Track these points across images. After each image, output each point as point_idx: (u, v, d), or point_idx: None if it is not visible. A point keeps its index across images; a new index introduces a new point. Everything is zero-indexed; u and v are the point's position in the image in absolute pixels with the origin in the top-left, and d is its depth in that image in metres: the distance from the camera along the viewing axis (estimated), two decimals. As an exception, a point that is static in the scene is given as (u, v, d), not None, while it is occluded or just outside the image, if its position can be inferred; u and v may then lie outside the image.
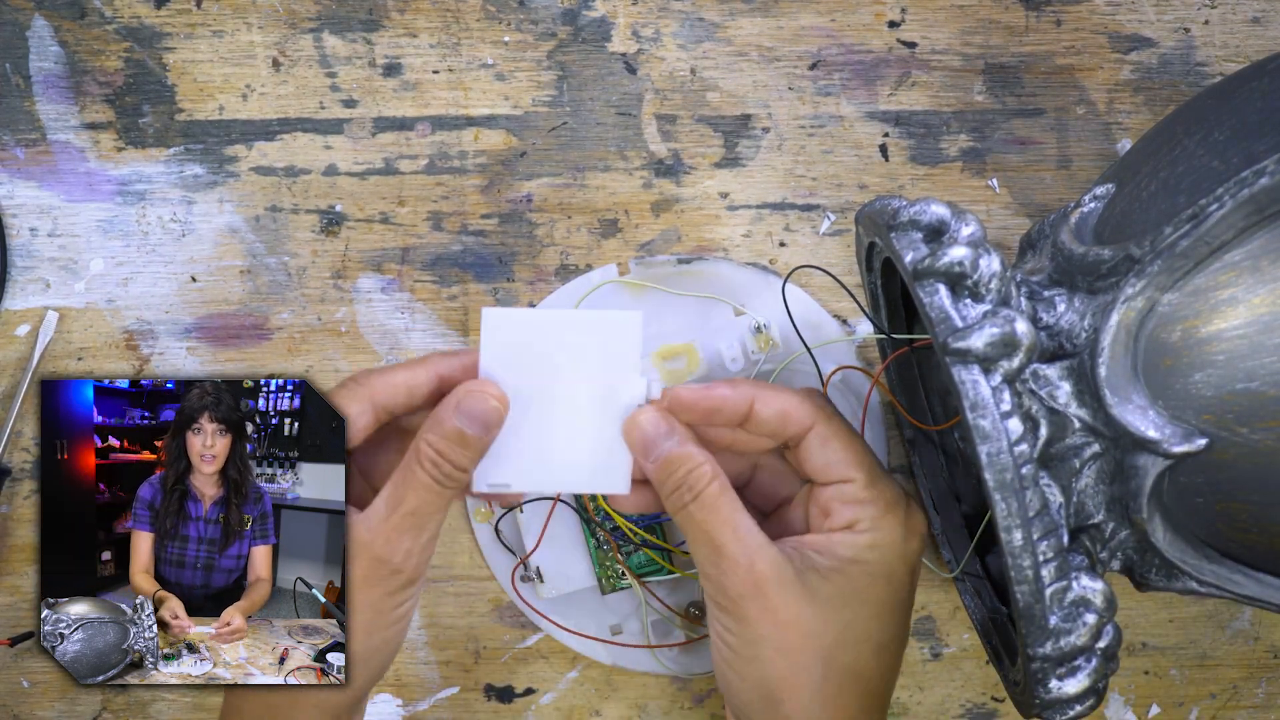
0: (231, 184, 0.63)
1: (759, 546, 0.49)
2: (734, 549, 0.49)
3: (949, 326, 0.45)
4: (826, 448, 0.50)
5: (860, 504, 0.50)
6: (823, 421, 0.51)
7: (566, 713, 0.63)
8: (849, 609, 0.49)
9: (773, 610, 0.48)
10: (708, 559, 0.49)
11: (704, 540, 0.49)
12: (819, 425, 0.51)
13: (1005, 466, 0.44)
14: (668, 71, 0.63)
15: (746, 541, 0.49)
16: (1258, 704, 0.64)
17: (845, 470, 0.50)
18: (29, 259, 0.63)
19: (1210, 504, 0.46)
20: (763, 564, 0.48)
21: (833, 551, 0.50)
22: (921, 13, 0.63)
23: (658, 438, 0.49)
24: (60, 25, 0.63)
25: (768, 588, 0.48)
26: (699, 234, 0.63)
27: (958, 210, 0.48)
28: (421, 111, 0.63)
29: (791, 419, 0.50)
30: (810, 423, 0.50)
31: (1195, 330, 0.45)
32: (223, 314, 0.63)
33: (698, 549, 0.50)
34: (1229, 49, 0.63)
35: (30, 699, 0.63)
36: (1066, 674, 0.47)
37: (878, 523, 0.50)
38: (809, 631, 0.49)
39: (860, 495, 0.50)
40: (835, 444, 0.50)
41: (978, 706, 0.64)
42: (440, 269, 0.63)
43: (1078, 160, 0.63)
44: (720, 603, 0.49)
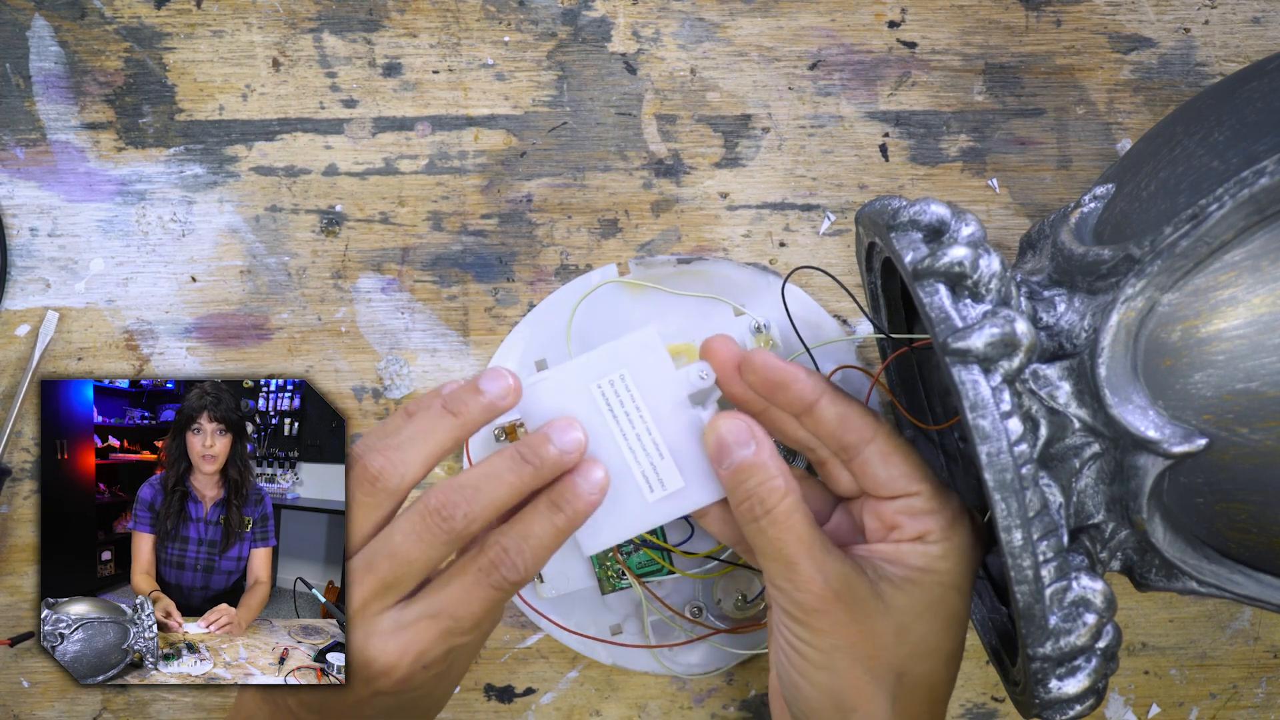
0: (231, 184, 0.63)
1: (832, 560, 0.49)
2: (807, 565, 0.48)
3: (949, 326, 0.45)
4: (888, 462, 0.50)
5: (930, 515, 0.49)
6: (884, 437, 0.50)
7: (566, 713, 0.63)
8: (923, 621, 0.49)
9: (847, 623, 0.48)
10: (779, 573, 0.49)
11: (775, 554, 0.49)
12: (879, 440, 0.50)
13: (1005, 466, 0.44)
14: (668, 71, 0.63)
15: (819, 556, 0.49)
16: (1258, 704, 0.64)
17: (910, 484, 0.49)
18: (29, 259, 0.63)
19: (1210, 504, 0.46)
20: (836, 578, 0.48)
21: (905, 562, 0.49)
22: (921, 13, 0.63)
23: (735, 445, 0.49)
24: (60, 25, 0.63)
25: (842, 600, 0.48)
26: (699, 234, 0.63)
27: (958, 210, 0.48)
28: (421, 111, 0.63)
29: (852, 426, 0.50)
30: (871, 436, 0.50)
31: (1195, 330, 0.45)
32: (223, 314, 0.63)
33: (768, 562, 0.50)
34: (1229, 49, 0.63)
35: (30, 699, 0.63)
36: (1066, 674, 0.47)
37: (948, 533, 0.49)
38: (884, 643, 0.49)
39: (929, 507, 0.49)
40: (897, 458, 0.50)
41: (978, 706, 0.64)
42: (440, 269, 0.63)
43: (1078, 160, 0.63)
44: (793, 613, 0.49)
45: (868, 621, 0.48)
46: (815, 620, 0.49)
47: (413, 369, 0.63)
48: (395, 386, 0.63)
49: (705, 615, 0.61)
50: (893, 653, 0.49)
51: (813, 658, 0.49)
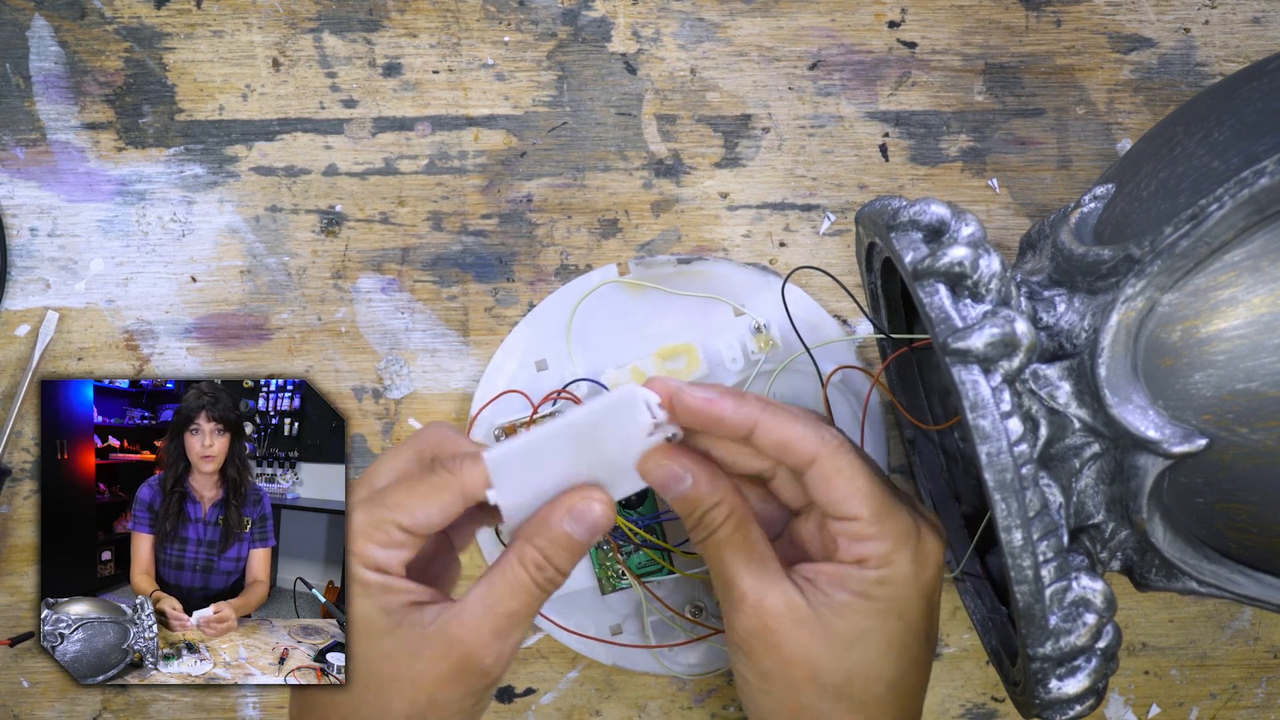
0: (231, 184, 0.63)
1: (771, 583, 0.48)
2: (744, 585, 0.48)
3: (949, 326, 0.45)
4: (829, 485, 0.48)
5: (870, 540, 0.48)
6: (826, 456, 0.48)
7: (566, 713, 0.63)
8: (860, 646, 0.48)
9: (779, 646, 0.48)
10: (723, 595, 0.50)
11: (718, 576, 0.49)
12: (821, 460, 0.48)
13: (1005, 466, 0.44)
14: (668, 71, 0.63)
15: (758, 580, 0.48)
16: (1258, 704, 0.63)
17: (850, 507, 0.48)
18: (29, 259, 0.63)
19: (1210, 504, 0.46)
20: (773, 601, 0.48)
21: (845, 585, 0.49)
22: (921, 13, 0.63)
23: (669, 481, 0.49)
24: (60, 25, 0.63)
25: (776, 625, 0.48)
26: (699, 234, 0.63)
27: (958, 210, 0.48)
28: (421, 111, 0.63)
29: (792, 450, 0.49)
30: (812, 456, 0.48)
31: (1195, 330, 0.45)
32: (223, 314, 0.63)
33: (715, 584, 0.50)
34: (1229, 49, 0.63)
35: (30, 699, 0.63)
36: (1066, 674, 0.47)
37: (887, 559, 0.48)
38: (819, 669, 0.48)
39: (867, 532, 0.48)
40: (838, 480, 0.48)
41: (978, 706, 0.64)
42: (440, 269, 0.63)
43: (1078, 160, 0.63)
44: (732, 639, 0.49)
45: (805, 645, 0.48)
46: (750, 644, 0.49)
47: (413, 369, 0.63)
48: (395, 386, 0.63)
49: (705, 615, 0.61)
50: (831, 677, 0.48)
51: (752, 681, 0.49)
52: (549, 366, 0.62)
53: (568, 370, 0.62)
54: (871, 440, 0.62)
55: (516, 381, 0.62)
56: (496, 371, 0.62)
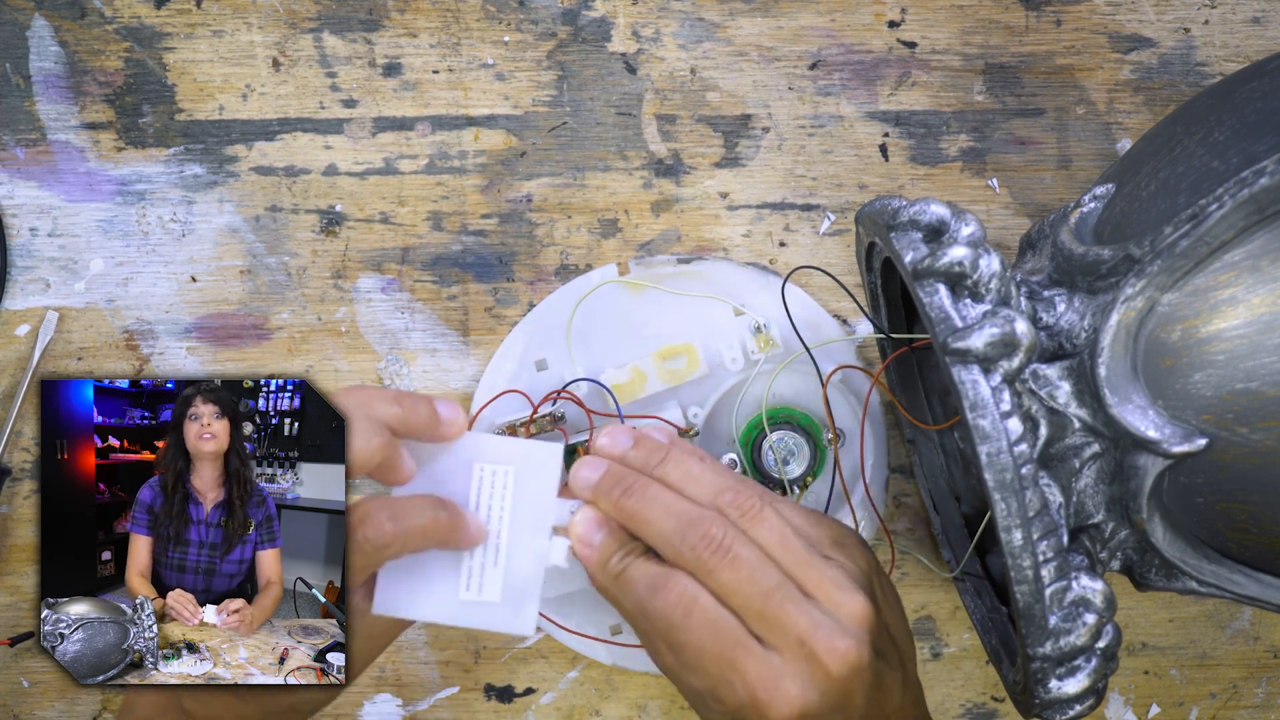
0: (231, 184, 0.63)
1: None
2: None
3: (949, 326, 0.45)
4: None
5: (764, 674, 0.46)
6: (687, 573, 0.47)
7: (566, 713, 0.63)
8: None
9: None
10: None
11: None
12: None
13: (1005, 466, 0.44)
14: (668, 71, 0.63)
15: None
16: (1258, 704, 0.64)
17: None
18: (29, 259, 0.63)
19: (1210, 504, 0.46)
20: None
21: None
22: (921, 13, 0.63)
23: (582, 547, 0.49)
24: (60, 25, 0.63)
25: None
26: (699, 234, 0.63)
27: (958, 210, 0.48)
28: (421, 111, 0.63)
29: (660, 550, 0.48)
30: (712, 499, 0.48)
31: (1195, 330, 0.45)
32: (223, 314, 0.63)
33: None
34: (1229, 49, 0.63)
35: (30, 699, 0.63)
36: (1066, 674, 0.47)
37: (790, 699, 0.45)
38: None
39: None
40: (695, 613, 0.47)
41: (978, 706, 0.64)
42: (440, 269, 0.63)
43: (1078, 160, 0.63)
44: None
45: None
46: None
47: (413, 369, 0.63)
48: (395, 386, 0.63)
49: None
50: None
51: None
52: (549, 366, 0.62)
53: (568, 370, 0.62)
54: (872, 440, 0.62)
55: (516, 381, 0.62)
56: (496, 371, 0.62)
